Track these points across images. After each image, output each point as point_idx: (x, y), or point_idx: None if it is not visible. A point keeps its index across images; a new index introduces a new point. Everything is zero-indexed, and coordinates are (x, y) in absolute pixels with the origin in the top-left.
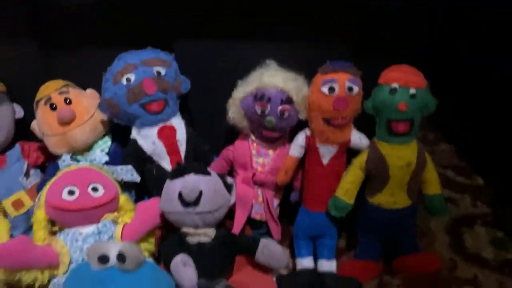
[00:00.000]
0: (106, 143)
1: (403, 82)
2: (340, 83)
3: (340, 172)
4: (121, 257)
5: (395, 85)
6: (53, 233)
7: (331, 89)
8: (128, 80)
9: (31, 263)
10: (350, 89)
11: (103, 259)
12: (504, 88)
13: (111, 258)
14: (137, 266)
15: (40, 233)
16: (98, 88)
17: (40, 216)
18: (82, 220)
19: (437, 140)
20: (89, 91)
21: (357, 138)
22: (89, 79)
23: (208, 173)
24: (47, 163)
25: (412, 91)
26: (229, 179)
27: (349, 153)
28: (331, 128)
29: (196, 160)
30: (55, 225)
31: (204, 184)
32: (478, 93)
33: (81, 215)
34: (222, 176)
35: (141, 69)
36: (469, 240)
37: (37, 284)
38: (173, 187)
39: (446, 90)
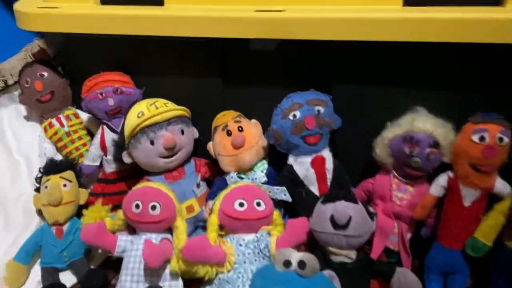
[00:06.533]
0: (263, 165)
1: None
2: (491, 133)
3: (479, 215)
4: (301, 264)
5: None
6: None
7: (482, 138)
8: (294, 116)
9: (206, 259)
10: (501, 139)
11: (287, 263)
12: None
13: (293, 264)
14: (313, 274)
15: (212, 235)
16: (260, 119)
17: (214, 220)
18: (246, 228)
19: None
20: (254, 121)
21: (501, 185)
22: (254, 111)
23: (356, 202)
24: (211, 178)
25: None
26: (371, 209)
27: (489, 198)
28: (477, 174)
29: (339, 188)
30: (222, 229)
31: (353, 210)
32: None
33: (246, 224)
34: (365, 205)
35: (305, 107)
36: None
37: (206, 277)
38: (324, 210)
39: None
